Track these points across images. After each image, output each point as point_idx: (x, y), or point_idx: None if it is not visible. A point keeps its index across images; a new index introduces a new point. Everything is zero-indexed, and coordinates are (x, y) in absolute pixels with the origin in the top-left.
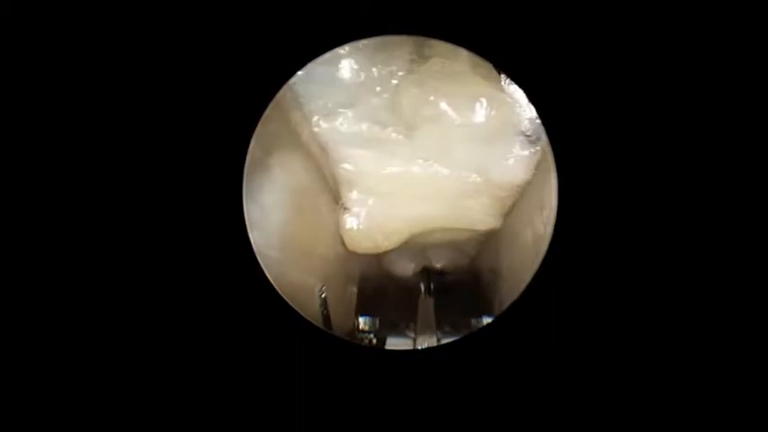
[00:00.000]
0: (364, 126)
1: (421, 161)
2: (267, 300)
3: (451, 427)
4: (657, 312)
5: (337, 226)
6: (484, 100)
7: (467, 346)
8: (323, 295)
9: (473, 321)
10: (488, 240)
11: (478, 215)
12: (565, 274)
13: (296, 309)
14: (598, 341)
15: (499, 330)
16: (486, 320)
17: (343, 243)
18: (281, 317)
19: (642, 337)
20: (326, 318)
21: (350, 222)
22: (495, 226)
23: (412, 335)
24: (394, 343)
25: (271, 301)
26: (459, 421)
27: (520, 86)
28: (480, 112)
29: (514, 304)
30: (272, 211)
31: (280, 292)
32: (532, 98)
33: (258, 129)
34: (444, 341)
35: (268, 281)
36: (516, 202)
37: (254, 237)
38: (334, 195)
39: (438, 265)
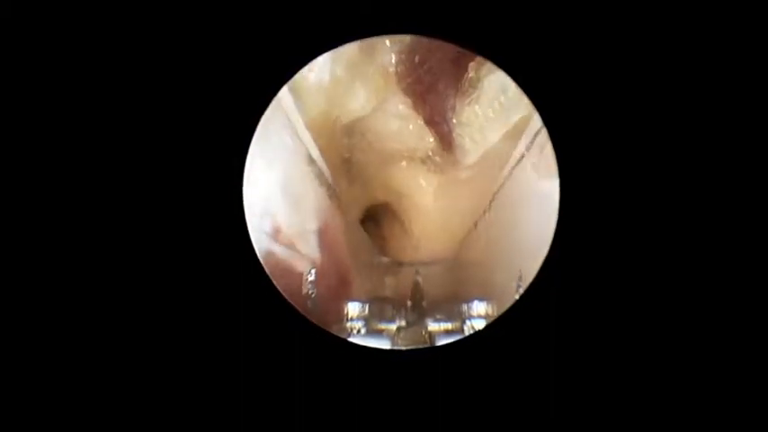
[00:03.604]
0: None
1: None
2: (267, 299)
3: (451, 427)
4: (656, 313)
5: (334, 215)
6: None
7: (466, 346)
8: (311, 278)
9: (464, 307)
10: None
11: None
12: (565, 273)
13: (287, 298)
14: (598, 342)
15: (499, 330)
16: (478, 307)
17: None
18: (280, 316)
19: (642, 337)
20: (313, 300)
21: None
22: None
23: (402, 323)
24: (383, 329)
25: (270, 299)
26: (458, 421)
27: (520, 85)
28: None
29: (514, 304)
30: (272, 207)
31: (276, 285)
32: (533, 97)
33: (259, 128)
34: (433, 328)
35: (268, 279)
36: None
37: (254, 233)
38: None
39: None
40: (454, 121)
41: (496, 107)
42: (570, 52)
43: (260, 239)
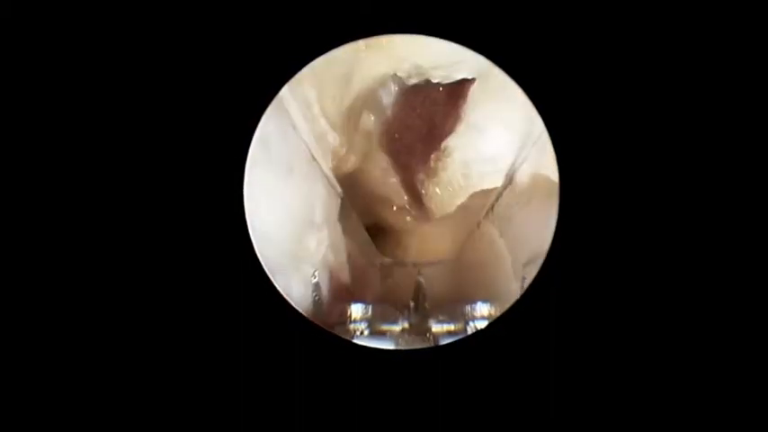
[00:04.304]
0: None
1: None
2: (268, 300)
3: (453, 427)
4: (657, 313)
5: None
6: None
7: (468, 346)
8: (314, 280)
9: (467, 309)
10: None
11: None
12: (566, 273)
13: (288, 299)
14: (598, 342)
15: (500, 330)
16: (482, 308)
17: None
18: (282, 317)
19: (642, 337)
20: (317, 303)
21: None
22: None
23: (405, 324)
24: (386, 330)
25: (271, 300)
26: (461, 421)
27: (520, 86)
28: None
29: (515, 304)
30: (272, 208)
31: (276, 285)
32: (534, 97)
33: (259, 128)
34: (436, 329)
35: (268, 279)
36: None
37: (255, 233)
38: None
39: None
40: (423, 191)
41: (456, 187)
42: (571, 53)
43: (262, 241)
